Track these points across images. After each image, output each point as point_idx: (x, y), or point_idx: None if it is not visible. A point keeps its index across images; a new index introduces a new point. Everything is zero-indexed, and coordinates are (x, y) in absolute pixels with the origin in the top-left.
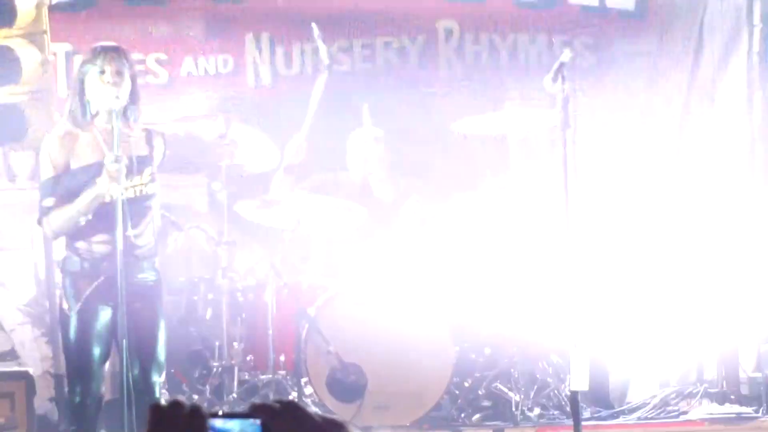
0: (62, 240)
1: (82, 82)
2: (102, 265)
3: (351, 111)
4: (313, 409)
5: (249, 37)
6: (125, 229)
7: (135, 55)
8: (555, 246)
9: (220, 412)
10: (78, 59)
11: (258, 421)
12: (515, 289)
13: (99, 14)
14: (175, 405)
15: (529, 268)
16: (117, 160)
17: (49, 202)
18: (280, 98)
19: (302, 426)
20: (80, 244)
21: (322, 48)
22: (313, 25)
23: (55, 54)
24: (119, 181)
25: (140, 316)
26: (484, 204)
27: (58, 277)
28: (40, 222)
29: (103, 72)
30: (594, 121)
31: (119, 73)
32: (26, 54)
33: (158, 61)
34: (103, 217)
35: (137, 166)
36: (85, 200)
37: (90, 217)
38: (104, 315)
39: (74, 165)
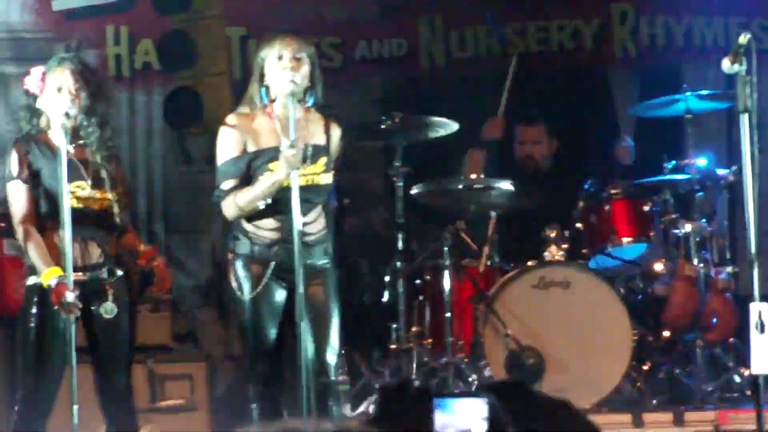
0: (233, 224)
1: (260, 67)
2: (272, 250)
3: (524, 94)
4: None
5: (423, 21)
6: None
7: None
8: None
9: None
10: (252, 43)
11: (486, 401)
12: (695, 270)
13: None
14: (402, 384)
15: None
16: (293, 146)
17: (228, 184)
18: (454, 81)
19: (528, 404)
20: (250, 228)
21: (497, 33)
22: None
23: (230, 38)
24: (296, 166)
25: (313, 300)
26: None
27: None
28: (218, 204)
29: (280, 57)
30: None
31: (297, 58)
32: (202, 38)
33: (332, 45)
34: (273, 202)
35: (312, 155)
36: (264, 185)
37: (269, 201)
38: (278, 298)
39: (250, 147)
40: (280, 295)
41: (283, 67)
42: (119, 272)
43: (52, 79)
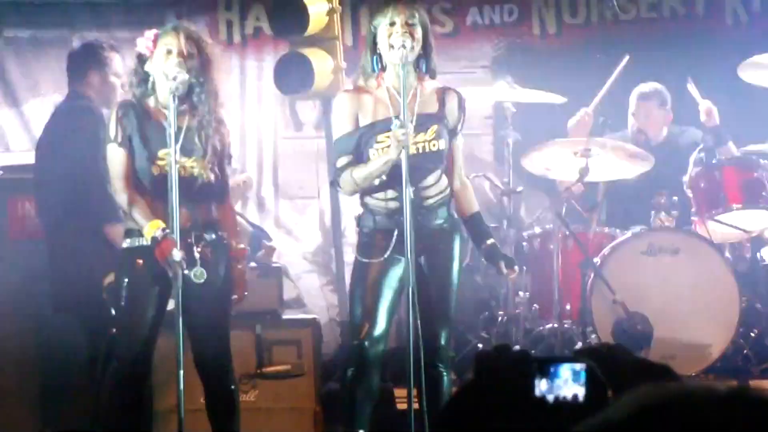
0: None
1: (373, 34)
2: (394, 219)
3: (636, 61)
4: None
5: None
6: (413, 184)
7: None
8: None
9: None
10: (364, 9)
11: (584, 365)
12: None
13: None
14: (501, 350)
15: None
16: (403, 125)
17: (343, 161)
18: (566, 47)
19: (628, 369)
20: (371, 201)
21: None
22: None
23: (342, 4)
24: (406, 145)
25: (434, 266)
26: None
27: (344, 225)
28: (334, 182)
29: (393, 23)
30: None
31: (410, 24)
32: (312, 3)
33: (444, 10)
34: (391, 174)
35: (424, 123)
36: (377, 164)
37: (384, 178)
38: (398, 266)
39: (363, 121)
40: (400, 264)
41: (395, 33)
42: (207, 237)
43: (163, 42)
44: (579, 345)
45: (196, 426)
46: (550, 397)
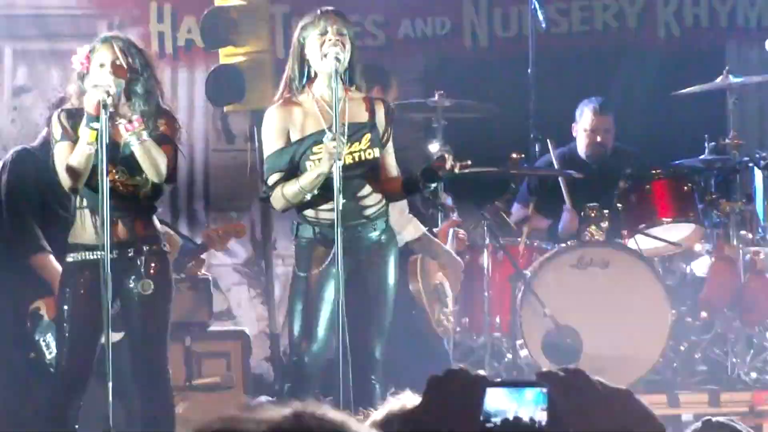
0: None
1: (302, 45)
2: (332, 232)
3: (570, 74)
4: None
5: (467, 0)
6: (349, 195)
7: (352, 17)
8: None
9: (500, 381)
10: (296, 21)
11: (545, 390)
12: (735, 251)
13: None
14: (452, 374)
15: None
16: (335, 138)
17: (274, 178)
18: (497, 60)
19: (588, 395)
20: (308, 213)
21: (541, 12)
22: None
23: (273, 15)
24: (339, 157)
25: (370, 282)
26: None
27: (274, 237)
28: (266, 199)
29: (325, 33)
30: None
31: (341, 34)
32: (245, 16)
33: (376, 23)
34: (330, 185)
35: (357, 133)
36: (309, 178)
37: (315, 192)
38: (336, 280)
39: (294, 136)
40: (336, 277)
41: (327, 42)
42: (146, 249)
43: (96, 56)
44: (509, 358)
45: None
46: (505, 421)
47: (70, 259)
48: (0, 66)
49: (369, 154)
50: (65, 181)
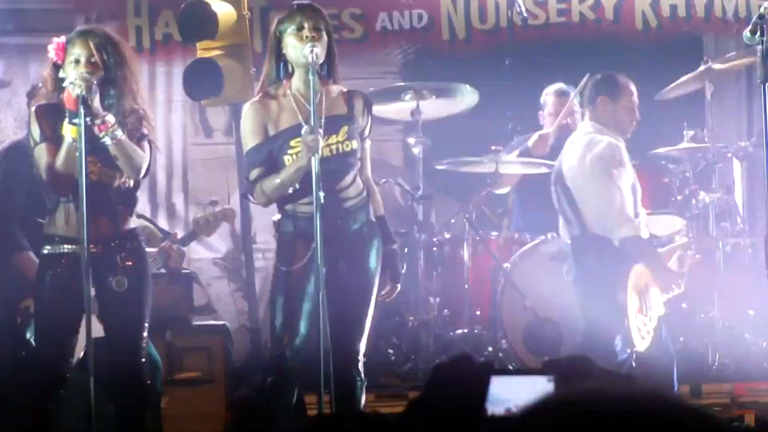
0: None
1: (279, 40)
2: (312, 225)
3: (546, 65)
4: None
5: None
6: (329, 188)
7: (330, 11)
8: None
9: (510, 368)
10: (273, 15)
11: (551, 378)
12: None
13: None
14: (459, 361)
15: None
16: (312, 131)
17: (255, 173)
18: (474, 52)
19: (593, 381)
20: (289, 207)
21: (518, 4)
22: None
23: (251, 9)
24: (317, 150)
25: (352, 272)
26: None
27: (254, 231)
28: (248, 195)
29: (301, 28)
30: None
31: (317, 29)
32: (222, 10)
33: (353, 16)
34: (306, 179)
35: (334, 125)
36: (288, 172)
37: (297, 186)
38: (317, 274)
39: (272, 130)
40: (317, 271)
41: (303, 38)
42: (128, 246)
43: (72, 51)
44: (490, 350)
45: None
46: (511, 409)
47: (45, 251)
48: None
49: (347, 146)
50: (54, 184)
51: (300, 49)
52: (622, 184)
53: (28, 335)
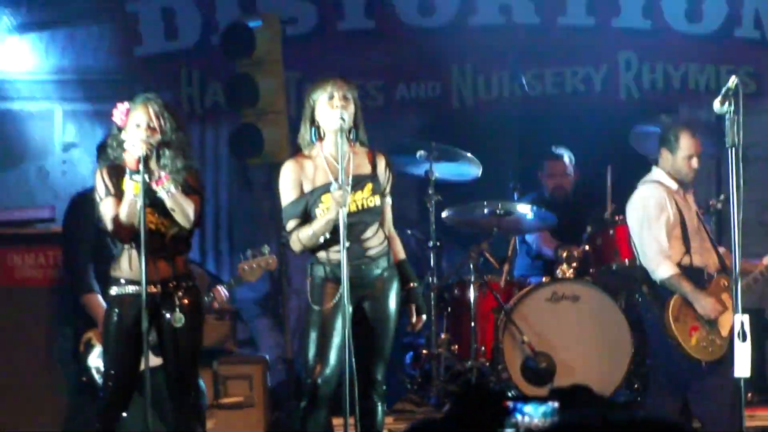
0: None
1: (312, 107)
2: (340, 270)
3: (545, 132)
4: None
5: (454, 67)
6: (354, 237)
7: (356, 81)
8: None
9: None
10: (308, 85)
11: (555, 403)
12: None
13: (324, 44)
14: (478, 389)
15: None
16: (341, 188)
17: (291, 224)
18: (481, 119)
19: (591, 406)
20: (321, 254)
21: (519, 78)
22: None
23: (288, 81)
24: (344, 205)
25: (376, 313)
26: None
27: (289, 274)
28: (285, 244)
29: (331, 97)
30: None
31: (346, 98)
32: (263, 81)
33: (376, 87)
34: (335, 230)
35: (360, 183)
36: (320, 224)
37: (327, 236)
38: (344, 312)
39: (306, 187)
40: (347, 310)
41: (334, 106)
42: (185, 285)
43: (134, 115)
44: (493, 380)
45: None
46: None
47: (113, 292)
48: (52, 125)
49: (371, 201)
50: (118, 233)
51: (331, 115)
52: (660, 229)
53: (89, 363)
